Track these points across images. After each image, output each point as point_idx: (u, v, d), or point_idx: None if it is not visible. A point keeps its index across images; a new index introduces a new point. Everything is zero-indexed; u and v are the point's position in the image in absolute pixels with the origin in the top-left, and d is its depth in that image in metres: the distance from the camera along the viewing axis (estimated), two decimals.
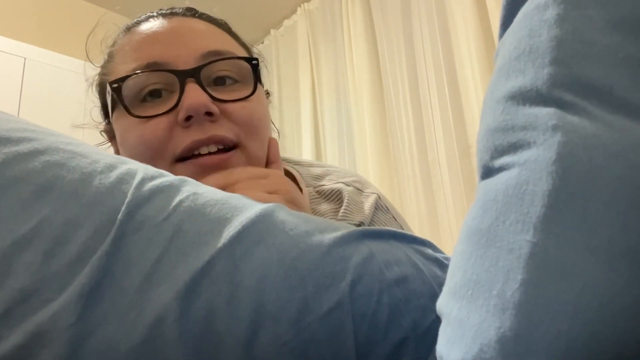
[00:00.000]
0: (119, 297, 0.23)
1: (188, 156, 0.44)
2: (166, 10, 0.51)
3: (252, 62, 0.49)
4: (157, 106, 0.44)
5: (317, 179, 0.57)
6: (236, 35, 0.54)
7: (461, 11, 1.65)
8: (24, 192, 0.25)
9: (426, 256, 0.31)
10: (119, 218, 0.25)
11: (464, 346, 0.17)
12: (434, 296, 0.28)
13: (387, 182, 1.85)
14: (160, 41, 0.46)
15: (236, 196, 0.31)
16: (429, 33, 1.79)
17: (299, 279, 0.25)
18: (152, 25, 0.49)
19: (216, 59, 0.46)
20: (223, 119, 0.45)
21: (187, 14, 0.51)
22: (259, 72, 0.50)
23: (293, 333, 0.24)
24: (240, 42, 0.54)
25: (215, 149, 0.44)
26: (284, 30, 2.56)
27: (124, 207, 0.26)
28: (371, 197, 0.53)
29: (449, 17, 1.72)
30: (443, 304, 0.20)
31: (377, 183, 1.82)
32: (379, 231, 0.31)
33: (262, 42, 2.69)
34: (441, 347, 0.19)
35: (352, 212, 0.50)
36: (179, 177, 0.31)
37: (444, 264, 0.31)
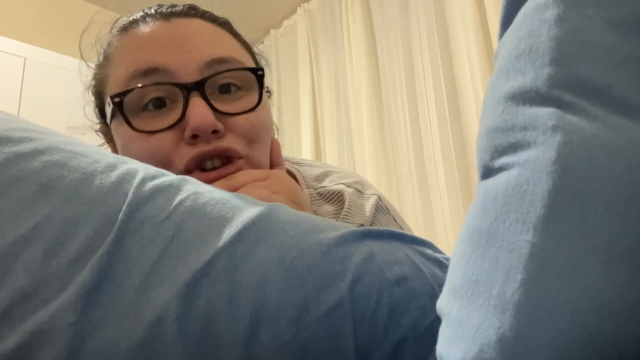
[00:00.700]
0: (119, 297, 0.23)
1: (193, 168, 0.43)
2: (166, 9, 0.49)
3: (258, 73, 0.47)
4: (160, 117, 0.43)
5: (318, 180, 0.57)
6: (238, 35, 0.53)
7: (460, 11, 1.66)
8: (25, 192, 0.25)
9: (426, 256, 0.31)
10: (119, 217, 0.25)
11: (464, 346, 0.17)
12: (433, 296, 0.28)
13: (385, 181, 1.86)
14: (160, 46, 0.45)
15: (237, 195, 0.31)
16: (426, 33, 1.79)
17: (299, 279, 0.25)
18: (151, 26, 0.47)
19: (221, 70, 0.45)
20: (228, 133, 0.44)
21: (189, 13, 0.49)
22: (264, 82, 0.49)
23: (293, 333, 0.24)
24: (241, 42, 0.52)
25: (220, 163, 0.44)
26: (284, 30, 2.57)
27: (124, 207, 0.26)
28: (372, 199, 0.53)
29: (447, 16, 1.72)
30: (443, 304, 0.20)
31: (375, 182, 1.82)
32: (379, 231, 0.31)
33: (262, 42, 2.70)
34: (441, 347, 0.19)
35: (353, 214, 0.50)
36: (179, 177, 0.31)
37: (443, 264, 0.31)
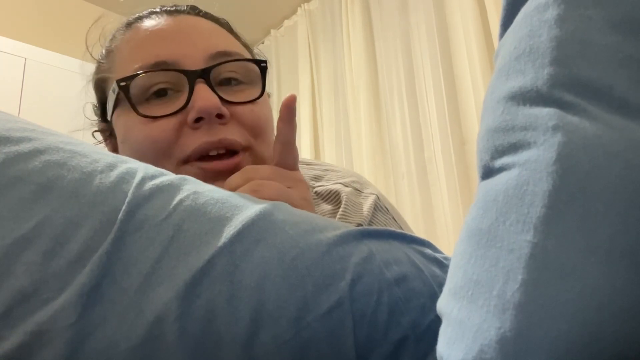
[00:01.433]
0: (119, 297, 0.23)
1: (195, 158, 0.44)
2: (170, 7, 0.50)
3: (261, 65, 0.48)
4: (164, 105, 0.44)
5: (316, 179, 0.57)
6: (238, 36, 0.54)
7: (460, 11, 1.66)
8: (24, 192, 0.25)
9: (426, 256, 0.31)
10: (119, 217, 0.25)
11: (464, 346, 0.17)
12: (433, 295, 0.28)
13: (382, 180, 1.86)
14: (167, 39, 0.46)
15: (237, 195, 0.31)
16: (426, 32, 1.79)
17: (299, 278, 0.25)
18: (157, 22, 0.48)
19: (226, 60, 0.46)
20: (232, 122, 0.45)
21: (191, 12, 0.51)
22: (267, 75, 0.50)
23: (293, 332, 0.24)
24: (242, 42, 0.53)
25: (224, 151, 0.44)
26: (284, 30, 2.57)
27: (124, 207, 0.26)
28: (370, 198, 0.53)
29: (447, 16, 1.72)
30: (443, 304, 0.20)
31: (372, 181, 1.82)
32: (379, 231, 0.31)
33: (262, 42, 2.69)
34: (441, 347, 0.19)
35: (351, 214, 0.50)
36: (179, 176, 0.30)
37: (443, 264, 0.31)
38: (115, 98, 0.46)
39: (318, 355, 0.25)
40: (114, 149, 0.50)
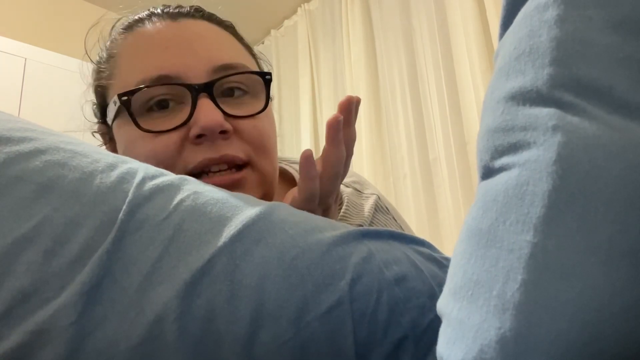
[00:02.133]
0: (119, 296, 0.23)
1: (197, 172, 0.43)
2: (173, 9, 0.49)
3: (266, 77, 0.47)
4: (166, 118, 0.43)
5: None
6: (242, 39, 0.53)
7: (460, 11, 1.66)
8: (25, 192, 0.25)
9: (425, 256, 0.31)
10: (119, 217, 0.25)
11: (464, 346, 0.17)
12: (433, 295, 0.28)
13: (382, 181, 1.85)
14: (169, 49, 0.44)
15: (237, 195, 0.31)
16: (428, 33, 1.79)
17: (299, 278, 0.25)
18: (159, 28, 0.46)
19: (229, 73, 0.45)
20: (234, 137, 0.44)
21: (195, 15, 0.49)
22: (271, 87, 0.48)
23: (293, 332, 0.24)
24: (245, 46, 0.52)
25: (226, 167, 0.44)
26: (284, 30, 2.57)
27: (124, 207, 0.26)
28: (371, 198, 0.53)
29: (448, 17, 1.72)
30: (443, 304, 0.20)
31: (372, 182, 1.81)
32: (378, 231, 0.31)
33: (263, 42, 2.69)
34: (441, 347, 0.19)
35: (352, 214, 0.50)
36: (179, 176, 0.31)
37: (442, 264, 0.31)
38: (117, 109, 0.45)
39: (318, 354, 0.25)
40: (114, 150, 0.50)
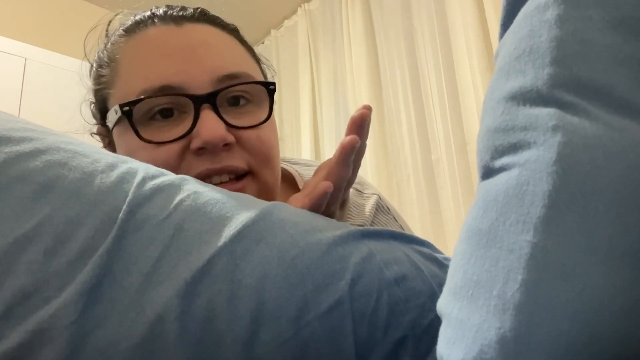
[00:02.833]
0: (119, 296, 0.23)
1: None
2: (176, 12, 0.47)
3: (269, 87, 0.47)
4: (168, 127, 0.43)
5: None
6: (245, 42, 0.52)
7: (460, 11, 1.66)
8: (26, 191, 0.25)
9: (425, 256, 0.31)
10: (120, 217, 0.25)
11: (464, 347, 0.17)
12: (433, 295, 0.28)
13: (386, 183, 1.85)
14: (173, 58, 0.43)
15: (237, 195, 0.31)
16: (429, 34, 1.78)
17: (299, 278, 0.25)
18: (162, 33, 0.45)
19: (233, 83, 0.44)
20: (236, 147, 0.44)
21: (200, 19, 0.48)
22: (274, 96, 0.48)
23: (293, 331, 0.24)
24: (249, 50, 0.52)
25: (227, 178, 0.43)
26: (284, 30, 2.56)
27: (125, 206, 0.26)
28: (372, 199, 0.53)
29: (448, 17, 1.72)
30: (443, 304, 0.20)
31: (375, 183, 1.81)
32: (379, 231, 0.31)
33: (263, 42, 2.69)
34: (441, 347, 0.19)
35: (353, 214, 0.50)
36: (180, 176, 0.31)
37: (443, 264, 0.31)
38: (117, 118, 0.44)
39: (318, 354, 0.25)
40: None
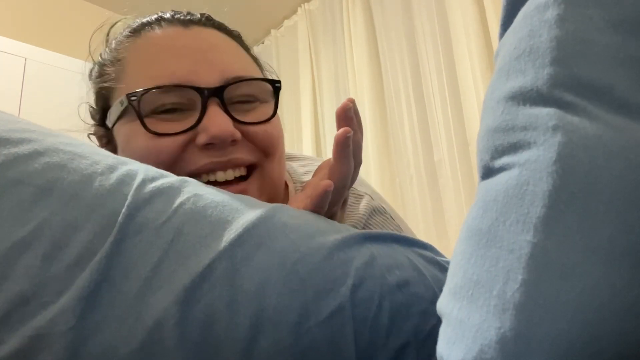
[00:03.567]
0: (118, 301, 0.23)
1: (199, 174, 0.43)
2: (184, 16, 0.48)
3: (275, 85, 0.48)
4: (174, 121, 0.43)
5: (308, 174, 0.56)
6: (248, 49, 0.53)
7: (460, 11, 1.65)
8: (24, 194, 0.25)
9: (428, 259, 0.31)
10: (118, 221, 0.25)
11: (464, 346, 0.17)
12: (435, 300, 0.28)
13: (389, 184, 1.84)
14: (183, 57, 0.44)
15: (238, 197, 0.31)
16: (430, 33, 1.78)
17: (300, 283, 0.25)
18: (170, 33, 0.46)
19: (241, 79, 0.45)
20: (243, 141, 0.44)
21: (207, 24, 0.49)
22: (279, 94, 0.49)
23: (293, 338, 0.24)
24: (251, 56, 0.52)
25: (232, 176, 0.44)
26: (284, 30, 2.56)
27: (124, 210, 0.25)
28: (364, 199, 0.52)
29: (449, 17, 1.72)
30: (443, 304, 0.20)
31: (378, 184, 1.81)
32: (380, 234, 0.31)
33: (263, 43, 2.69)
34: (441, 347, 0.19)
35: (347, 214, 0.50)
36: (180, 178, 0.30)
37: (445, 268, 0.31)
38: (122, 109, 0.44)
39: None
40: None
